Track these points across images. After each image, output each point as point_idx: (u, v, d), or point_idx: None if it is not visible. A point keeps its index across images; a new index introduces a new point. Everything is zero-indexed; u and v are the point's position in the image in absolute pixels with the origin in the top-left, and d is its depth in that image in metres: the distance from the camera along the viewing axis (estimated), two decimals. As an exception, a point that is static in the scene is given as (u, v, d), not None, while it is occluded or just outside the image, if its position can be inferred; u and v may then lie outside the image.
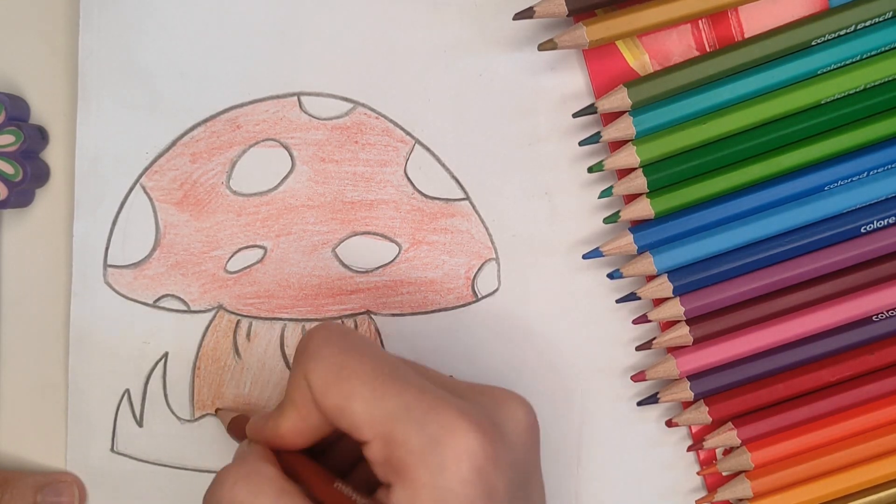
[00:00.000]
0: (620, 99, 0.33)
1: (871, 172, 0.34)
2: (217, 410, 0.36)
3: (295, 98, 0.36)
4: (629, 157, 0.34)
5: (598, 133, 0.34)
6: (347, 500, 0.26)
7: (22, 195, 0.36)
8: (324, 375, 0.26)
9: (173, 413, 0.36)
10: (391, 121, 0.36)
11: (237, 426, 0.34)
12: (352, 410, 0.26)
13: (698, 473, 0.36)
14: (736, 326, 0.35)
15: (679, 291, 0.34)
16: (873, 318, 0.35)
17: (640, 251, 0.34)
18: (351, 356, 0.26)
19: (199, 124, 0.36)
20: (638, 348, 0.35)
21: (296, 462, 0.28)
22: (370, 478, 0.27)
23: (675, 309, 0.34)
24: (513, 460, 0.25)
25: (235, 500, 0.26)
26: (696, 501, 0.36)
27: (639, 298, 0.35)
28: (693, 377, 0.35)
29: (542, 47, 0.33)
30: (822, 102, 0.34)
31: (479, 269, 0.36)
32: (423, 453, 0.24)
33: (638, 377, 0.35)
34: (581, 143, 0.34)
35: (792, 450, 0.35)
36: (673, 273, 0.34)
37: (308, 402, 0.27)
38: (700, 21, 0.35)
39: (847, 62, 0.33)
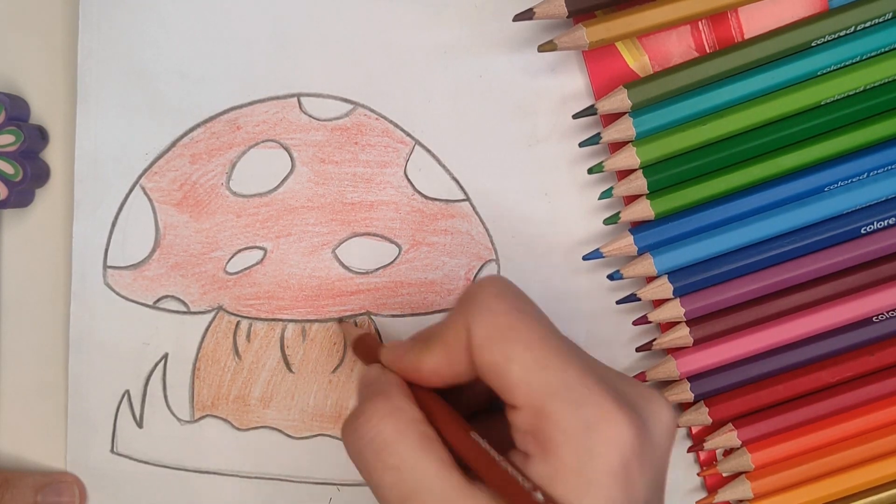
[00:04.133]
0: (620, 100, 0.33)
1: (872, 173, 0.34)
2: (339, 322, 0.35)
3: (295, 99, 0.36)
4: (629, 158, 0.34)
5: (598, 134, 0.34)
6: (482, 453, 0.25)
7: (22, 195, 0.36)
8: (489, 330, 0.25)
9: (173, 414, 0.36)
10: (391, 122, 0.36)
11: (364, 346, 0.32)
12: (510, 373, 0.25)
13: (699, 474, 0.36)
14: (736, 327, 0.35)
15: (679, 292, 0.34)
16: (873, 318, 0.35)
17: (641, 252, 0.34)
18: (520, 318, 0.26)
19: (198, 125, 0.36)
20: (638, 349, 0.36)
21: (430, 402, 0.27)
22: (495, 434, 0.26)
23: (675, 310, 0.34)
24: (654, 461, 0.25)
25: (379, 437, 0.25)
26: (696, 502, 0.36)
27: (639, 299, 0.35)
28: (693, 378, 0.35)
29: (541, 48, 0.33)
30: (823, 103, 0.33)
31: (479, 270, 0.36)
32: (575, 435, 0.24)
33: (638, 378, 0.35)
34: (581, 145, 0.34)
35: (792, 451, 0.35)
36: (673, 274, 0.34)
37: (461, 349, 0.26)
38: (700, 22, 0.35)
39: (847, 63, 0.33)
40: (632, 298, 0.35)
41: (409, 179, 0.36)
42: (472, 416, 0.29)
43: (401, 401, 0.26)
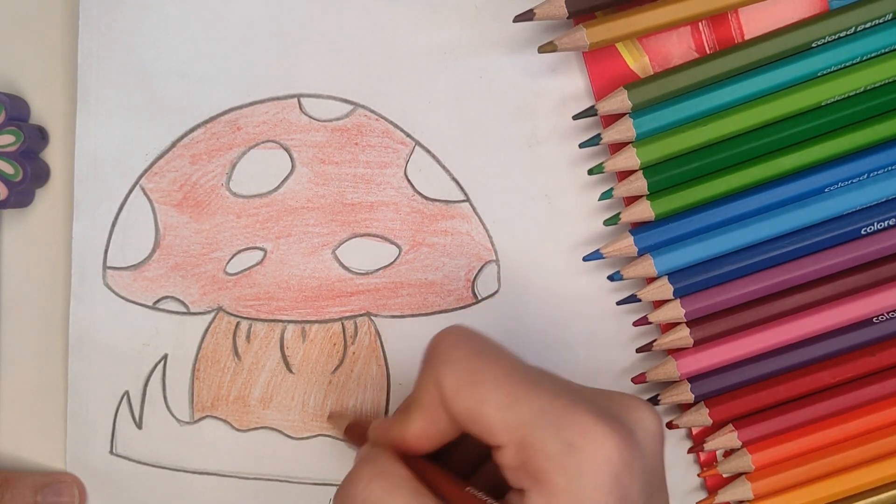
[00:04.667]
0: (620, 101, 0.33)
1: (872, 174, 0.34)
2: (329, 417, 0.36)
3: (295, 100, 0.36)
4: (629, 158, 0.34)
5: (599, 135, 0.34)
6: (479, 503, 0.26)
7: (22, 195, 0.36)
8: (456, 379, 0.26)
9: (172, 415, 0.36)
10: (391, 122, 0.36)
11: (355, 431, 0.33)
12: (485, 415, 0.25)
13: (699, 475, 0.36)
14: (736, 328, 0.35)
15: (679, 293, 0.34)
16: (874, 319, 0.35)
17: (641, 253, 0.34)
18: (483, 360, 0.26)
19: (198, 126, 0.36)
20: (638, 350, 0.35)
21: (423, 467, 0.27)
22: (492, 482, 0.26)
23: (675, 311, 0.34)
24: (644, 467, 0.25)
25: (370, 499, 0.26)
26: (696, 503, 0.36)
27: (639, 300, 0.35)
28: (693, 379, 0.35)
29: (542, 49, 0.33)
30: (823, 104, 0.33)
31: (479, 271, 0.36)
32: (560, 458, 0.24)
33: (638, 379, 0.35)
34: (581, 145, 0.34)
35: (792, 451, 0.35)
36: (673, 275, 0.34)
37: (437, 406, 0.26)
38: (700, 23, 0.35)
39: (847, 64, 0.33)
40: (632, 299, 0.35)
41: (409, 180, 0.36)
42: (472, 473, 0.30)
43: (388, 463, 0.27)
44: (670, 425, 0.36)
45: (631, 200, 0.35)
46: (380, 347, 0.36)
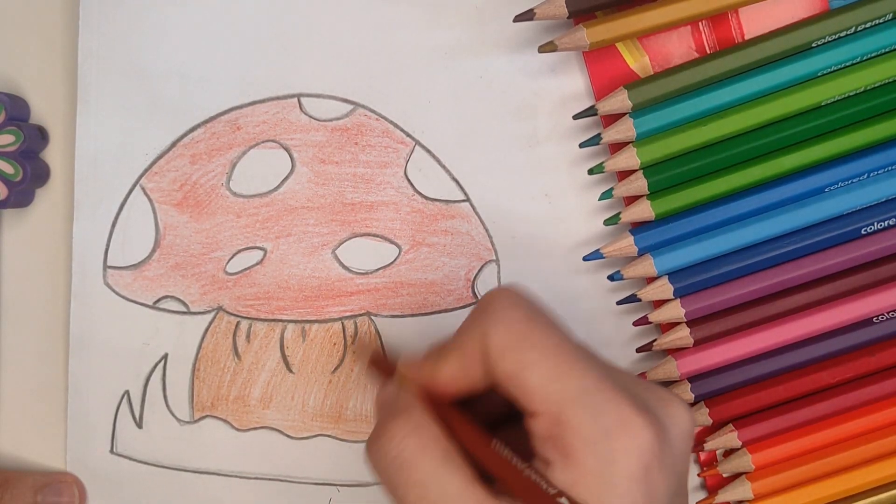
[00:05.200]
0: (621, 101, 0.33)
1: (872, 174, 0.34)
2: (352, 347, 0.35)
3: (295, 99, 0.36)
4: (629, 158, 0.34)
5: (599, 135, 0.34)
6: (505, 462, 0.25)
7: (22, 195, 0.36)
8: (506, 339, 0.26)
9: (173, 415, 0.36)
10: (391, 122, 0.36)
11: (380, 362, 0.33)
12: (528, 381, 0.25)
13: (699, 475, 0.36)
14: (736, 328, 0.35)
15: (679, 293, 0.34)
16: (874, 319, 0.35)
17: (641, 253, 0.34)
18: (536, 326, 0.26)
19: (198, 125, 0.36)
20: (638, 350, 0.35)
21: (450, 416, 0.27)
22: (511, 441, 0.26)
23: (675, 311, 0.34)
24: (673, 464, 0.25)
25: (402, 455, 0.25)
26: (696, 503, 0.36)
27: (639, 300, 0.35)
28: (693, 379, 0.35)
29: (542, 49, 0.33)
30: (823, 104, 0.33)
31: (479, 271, 0.36)
32: (595, 443, 0.24)
33: (638, 379, 0.35)
34: (581, 145, 0.34)
35: (792, 451, 0.35)
36: (673, 275, 0.34)
37: (477, 358, 0.26)
38: (700, 23, 0.35)
39: (847, 64, 0.33)
40: (632, 299, 0.35)
41: (409, 180, 0.36)
42: (490, 426, 0.29)
43: (422, 418, 0.26)
44: (670, 425, 0.36)
45: (631, 200, 0.35)
46: (380, 347, 0.36)
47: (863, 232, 0.34)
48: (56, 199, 0.37)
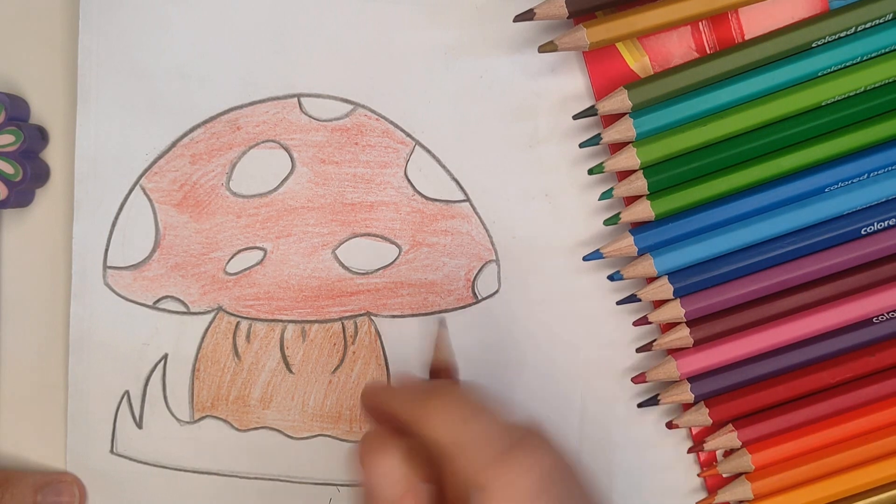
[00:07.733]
0: (621, 101, 0.33)
1: (872, 174, 0.34)
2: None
3: (295, 99, 0.36)
4: (629, 158, 0.34)
5: (599, 135, 0.34)
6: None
7: (22, 195, 0.36)
8: None
9: (172, 415, 0.36)
10: (391, 122, 0.36)
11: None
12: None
13: (699, 475, 0.36)
14: (736, 328, 0.35)
15: (679, 293, 0.34)
16: (874, 319, 0.35)
17: (641, 253, 0.34)
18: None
19: (198, 126, 0.36)
20: (638, 350, 0.35)
21: None
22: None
23: (675, 311, 0.34)
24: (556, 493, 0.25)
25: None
26: (696, 503, 0.36)
27: (639, 300, 0.35)
28: (693, 379, 0.35)
29: (542, 49, 0.33)
30: (823, 104, 0.33)
31: (479, 271, 0.36)
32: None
33: (638, 379, 0.35)
34: (581, 145, 0.34)
35: (792, 451, 0.35)
36: (673, 275, 0.34)
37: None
38: (700, 23, 0.35)
39: (847, 64, 0.33)
40: (632, 299, 0.35)
41: (409, 180, 0.36)
42: None
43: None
44: (670, 425, 0.36)
45: (631, 200, 0.35)
46: (380, 347, 0.36)
47: (863, 232, 0.34)
48: (56, 199, 0.37)
